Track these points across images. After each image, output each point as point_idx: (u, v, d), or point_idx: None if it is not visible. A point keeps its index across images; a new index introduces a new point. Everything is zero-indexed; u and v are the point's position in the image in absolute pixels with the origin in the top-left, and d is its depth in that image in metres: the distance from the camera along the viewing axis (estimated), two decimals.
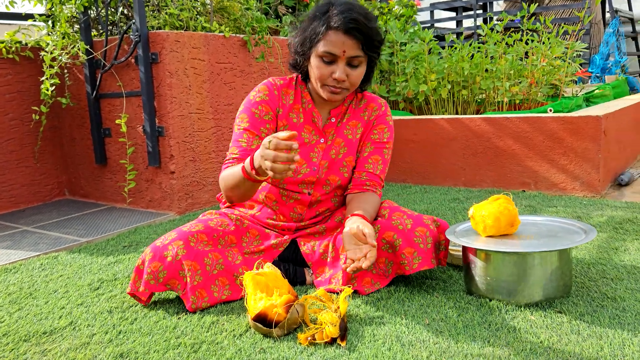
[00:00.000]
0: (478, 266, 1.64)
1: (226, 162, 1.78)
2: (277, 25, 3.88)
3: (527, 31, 3.92)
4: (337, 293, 1.67)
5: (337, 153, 1.86)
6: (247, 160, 1.58)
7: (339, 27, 1.65)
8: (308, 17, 1.76)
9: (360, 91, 1.92)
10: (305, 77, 1.85)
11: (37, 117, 3.31)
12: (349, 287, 1.56)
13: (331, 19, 1.67)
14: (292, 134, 1.41)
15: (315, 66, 1.73)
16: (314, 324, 1.50)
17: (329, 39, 1.67)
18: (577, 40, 4.04)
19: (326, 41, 1.68)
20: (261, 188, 1.88)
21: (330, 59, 1.70)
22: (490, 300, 1.62)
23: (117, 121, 3.04)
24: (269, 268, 1.58)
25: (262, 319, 1.46)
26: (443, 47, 5.54)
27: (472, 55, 3.69)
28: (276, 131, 1.82)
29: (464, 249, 1.69)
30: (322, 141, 1.86)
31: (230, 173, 1.68)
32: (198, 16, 3.27)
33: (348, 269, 1.58)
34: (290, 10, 4.31)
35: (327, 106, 1.88)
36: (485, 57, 3.61)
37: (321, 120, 1.88)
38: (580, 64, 4.20)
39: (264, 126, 1.80)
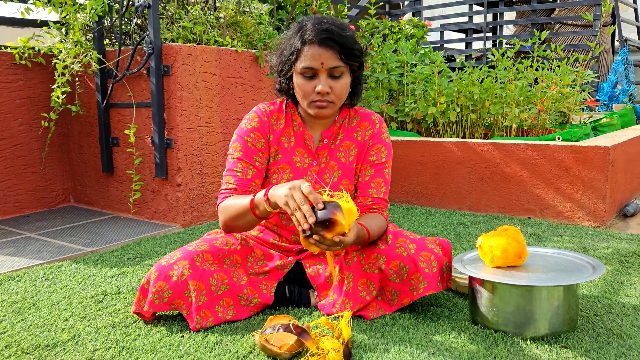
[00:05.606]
0: (484, 297, 1.63)
1: (223, 191, 1.77)
2: None
3: (538, 57, 3.93)
4: (338, 319, 1.65)
5: (331, 177, 1.85)
6: (260, 194, 1.60)
7: (313, 39, 1.66)
8: (285, 37, 1.78)
9: (351, 106, 1.89)
10: (294, 100, 1.85)
11: (46, 124, 3.32)
12: (349, 311, 1.55)
13: (305, 33, 1.68)
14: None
15: (298, 84, 1.73)
16: (317, 349, 1.49)
17: (306, 53, 1.68)
18: (586, 68, 4.05)
19: (304, 56, 1.68)
20: None
21: (310, 74, 1.70)
22: (496, 332, 1.61)
23: (125, 131, 3.05)
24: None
25: None
26: (452, 69, 5.57)
27: (482, 80, 3.70)
28: (269, 158, 1.84)
29: (471, 278, 1.68)
30: (314, 164, 1.85)
31: (233, 203, 1.69)
32: (211, 30, 3.29)
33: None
34: None
35: (319, 127, 1.87)
36: (495, 81, 3.62)
37: (313, 143, 1.86)
38: (588, 92, 4.20)
39: (256, 154, 1.80)
